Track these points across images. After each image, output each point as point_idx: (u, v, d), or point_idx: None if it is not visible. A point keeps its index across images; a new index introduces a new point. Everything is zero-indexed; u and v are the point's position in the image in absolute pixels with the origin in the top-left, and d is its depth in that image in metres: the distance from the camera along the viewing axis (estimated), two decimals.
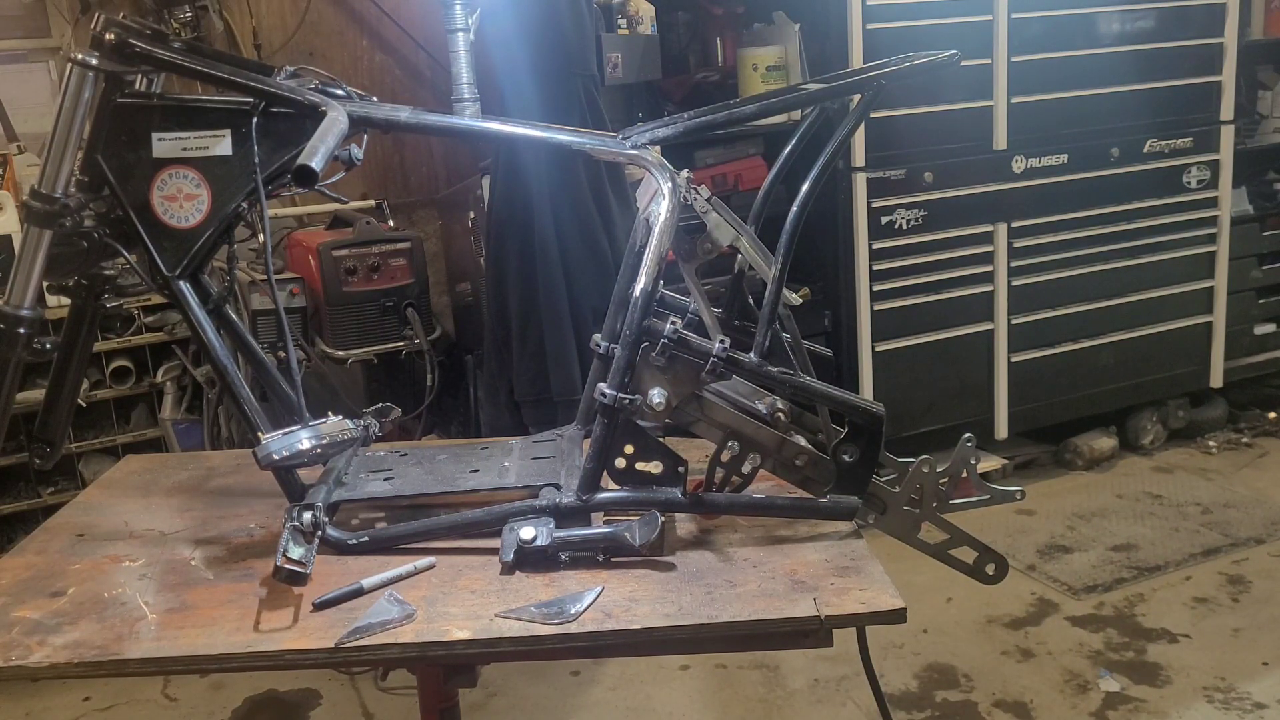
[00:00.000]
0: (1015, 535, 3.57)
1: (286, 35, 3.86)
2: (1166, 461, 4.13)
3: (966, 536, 1.61)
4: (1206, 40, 3.86)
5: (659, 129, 1.63)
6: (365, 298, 3.29)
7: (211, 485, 1.92)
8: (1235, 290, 4.13)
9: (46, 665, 1.34)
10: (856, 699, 2.73)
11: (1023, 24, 3.56)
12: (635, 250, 1.70)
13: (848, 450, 1.55)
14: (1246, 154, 4.15)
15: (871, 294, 3.58)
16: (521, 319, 3.04)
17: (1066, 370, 3.92)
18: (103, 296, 1.68)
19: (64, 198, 1.53)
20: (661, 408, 1.52)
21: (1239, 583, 3.21)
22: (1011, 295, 3.77)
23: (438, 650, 1.36)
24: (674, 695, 2.81)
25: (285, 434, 1.49)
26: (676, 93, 3.78)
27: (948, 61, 1.56)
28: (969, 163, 3.64)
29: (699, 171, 3.54)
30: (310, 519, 1.49)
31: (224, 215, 1.58)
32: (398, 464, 1.77)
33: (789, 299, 1.67)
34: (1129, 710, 2.65)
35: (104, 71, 1.53)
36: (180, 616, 1.43)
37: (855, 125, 1.57)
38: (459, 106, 3.21)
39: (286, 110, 1.55)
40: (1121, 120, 3.81)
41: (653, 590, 1.44)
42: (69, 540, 1.69)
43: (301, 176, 1.37)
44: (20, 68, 3.64)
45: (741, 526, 1.63)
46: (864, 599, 1.40)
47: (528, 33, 2.93)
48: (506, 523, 1.54)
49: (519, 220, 3.01)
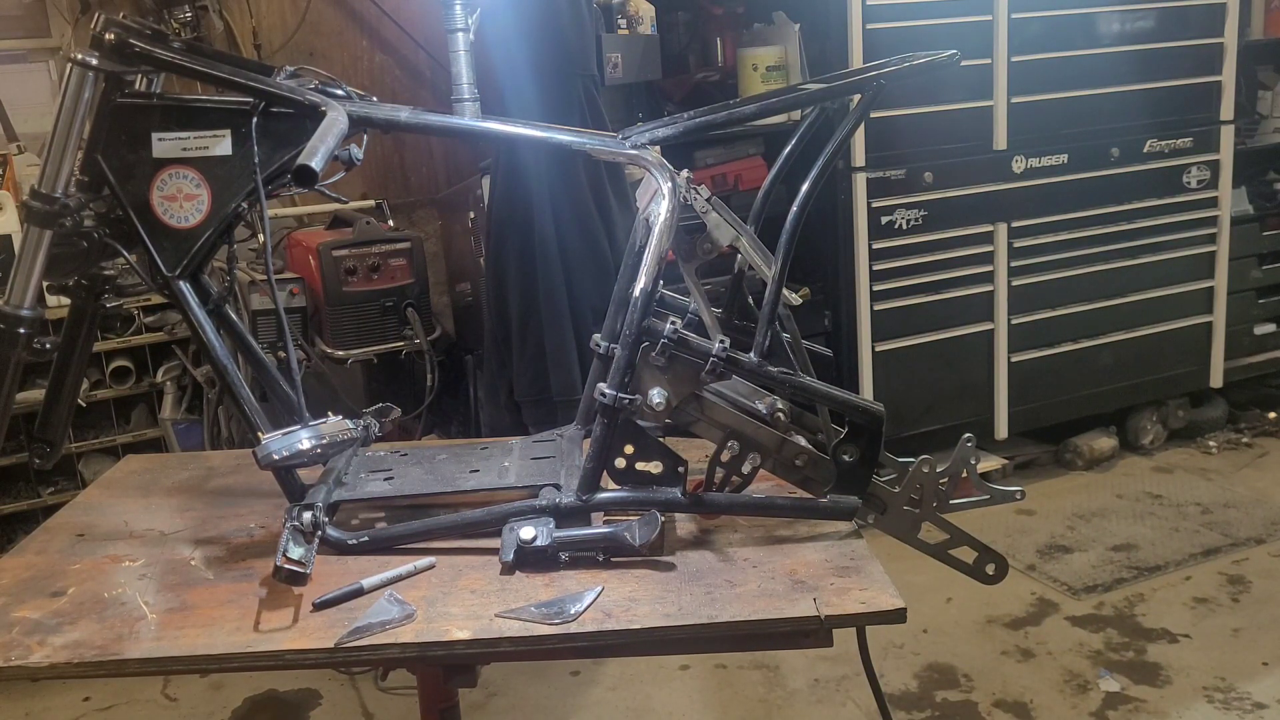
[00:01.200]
0: (1015, 535, 3.57)
1: (286, 35, 3.86)
2: (1166, 461, 4.12)
3: (966, 536, 1.61)
4: (1206, 40, 3.86)
5: (659, 129, 1.63)
6: (365, 298, 3.29)
7: (211, 485, 1.92)
8: (1235, 290, 4.13)
9: (46, 665, 1.34)
10: (856, 699, 2.73)
11: (1023, 24, 3.56)
12: (635, 250, 1.70)
13: (848, 450, 1.55)
14: (1246, 154, 4.15)
15: (871, 294, 3.58)
16: (521, 319, 3.04)
17: (1066, 370, 3.91)
18: (103, 296, 1.68)
19: (64, 198, 1.53)
20: (661, 408, 1.52)
21: (1239, 583, 3.21)
22: (1011, 295, 3.76)
23: (438, 650, 1.36)
24: (674, 695, 2.81)
25: (285, 434, 1.49)
26: (676, 93, 3.78)
27: (948, 61, 1.57)
28: (969, 163, 3.64)
29: (699, 171, 3.54)
30: (310, 519, 1.49)
31: (224, 215, 1.58)
32: (398, 464, 1.77)
33: (789, 299, 1.67)
34: (1129, 710, 2.65)
35: (104, 71, 1.53)
36: (180, 616, 1.43)
37: (855, 125, 1.57)
38: (459, 106, 3.21)
39: (286, 110, 1.55)
40: (1121, 120, 3.81)
41: (653, 590, 1.44)
42: (69, 540, 1.69)
43: (301, 176, 1.37)
44: (20, 68, 3.64)
45: (741, 526, 1.63)
46: (864, 599, 1.40)
47: (528, 33, 2.94)
48: (506, 523, 1.54)
49: (519, 220, 3.01)
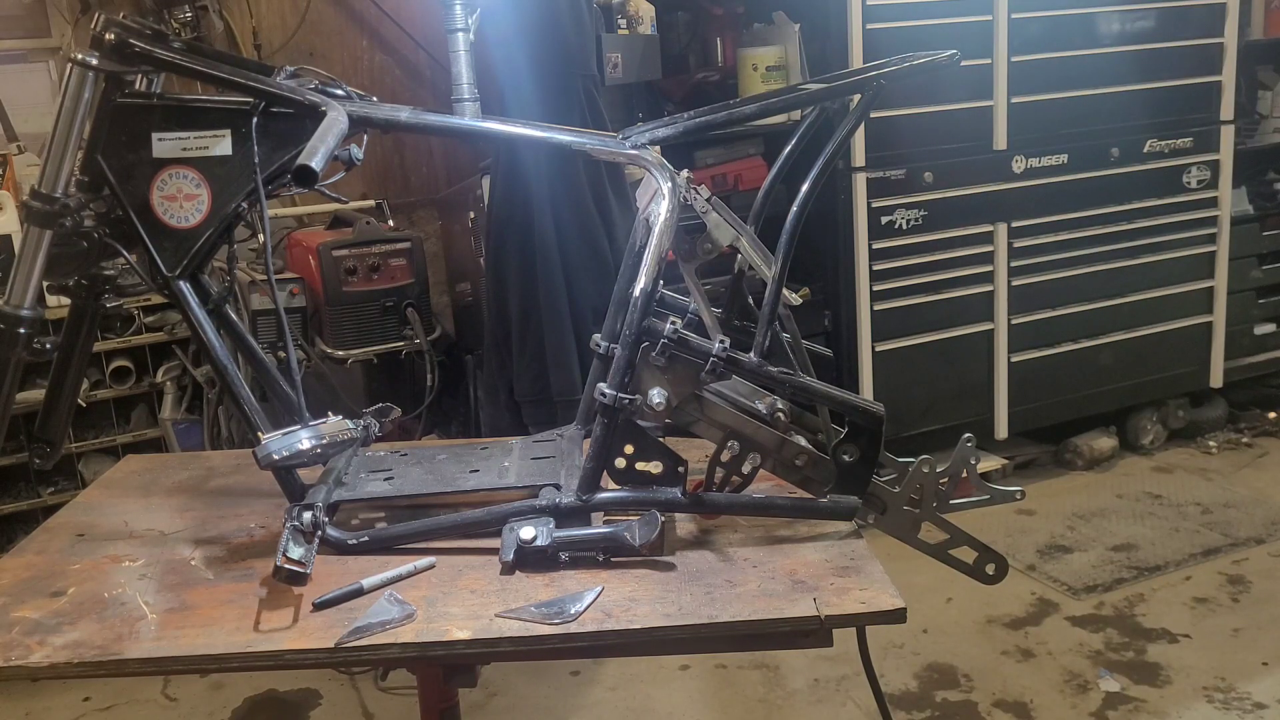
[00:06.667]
0: (1015, 535, 3.57)
1: (286, 35, 3.86)
2: (1166, 461, 4.12)
3: (966, 536, 1.61)
4: (1206, 40, 3.86)
5: (659, 129, 1.63)
6: (365, 298, 3.29)
7: (211, 485, 1.92)
8: (1235, 290, 4.13)
9: (46, 665, 1.34)
10: (856, 699, 2.73)
11: (1023, 24, 3.56)
12: (635, 250, 1.70)
13: (848, 450, 1.55)
14: (1246, 154, 4.14)
15: (871, 294, 3.58)
16: (521, 319, 3.04)
17: (1066, 370, 3.91)
18: (103, 296, 1.68)
19: (64, 198, 1.53)
20: (661, 408, 1.52)
21: (1239, 583, 3.21)
22: (1011, 295, 3.77)
23: (438, 650, 1.36)
24: (674, 695, 2.81)
25: (285, 434, 1.49)
26: (676, 93, 3.78)
27: (948, 61, 1.56)
28: (969, 163, 3.64)
29: (699, 171, 3.54)
30: (310, 519, 1.49)
31: (224, 215, 1.57)
32: (398, 464, 1.77)
33: (789, 299, 1.67)
34: (1129, 710, 2.65)
35: (104, 71, 1.53)
36: (180, 616, 1.43)
37: (855, 125, 1.57)
38: (459, 106, 3.21)
39: (286, 110, 1.55)
40: (1121, 120, 3.81)
41: (653, 590, 1.44)
42: (69, 540, 1.69)
43: (301, 176, 1.37)
44: (20, 68, 3.64)
45: (741, 526, 1.63)
46: (864, 599, 1.40)
47: (528, 33, 2.93)
48: (506, 523, 1.54)
49: (519, 220, 3.01)
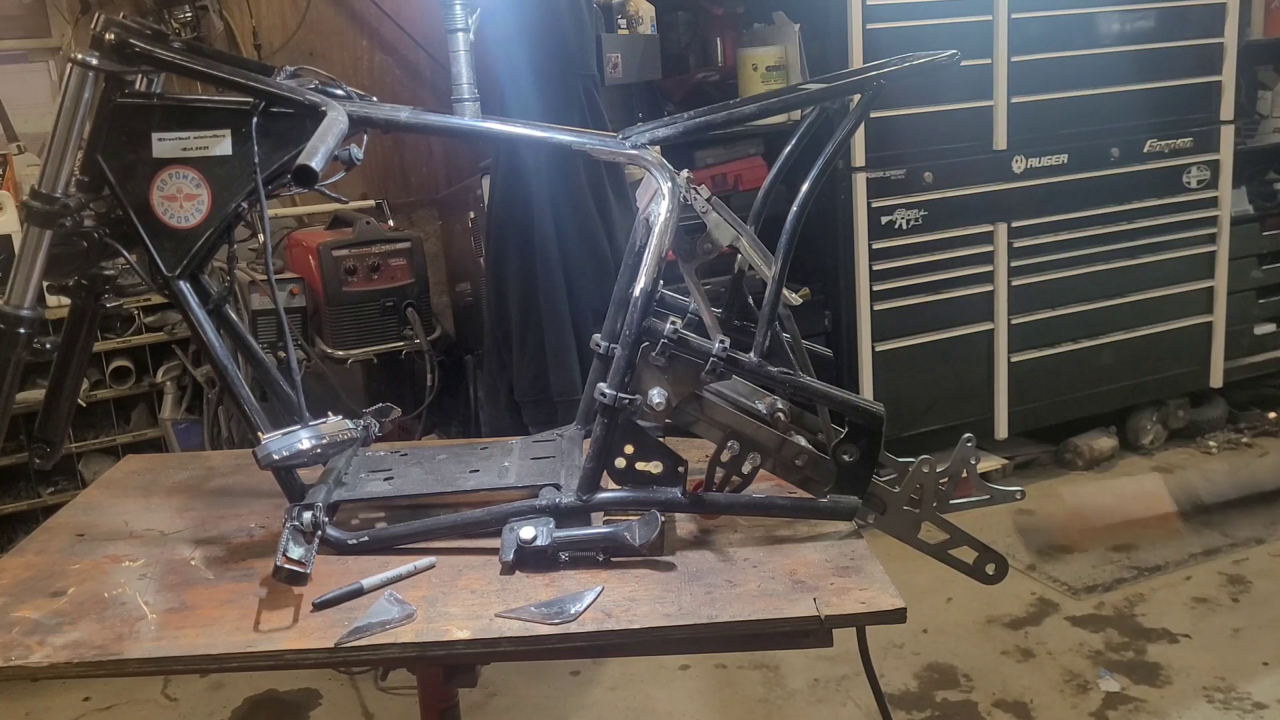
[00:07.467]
0: (1015, 535, 3.57)
1: (286, 35, 3.86)
2: (1166, 461, 4.12)
3: (966, 536, 1.61)
4: (1206, 40, 3.86)
5: (659, 129, 1.63)
6: (365, 298, 3.29)
7: (211, 485, 1.92)
8: (1235, 290, 4.13)
9: (46, 665, 1.34)
10: (856, 699, 2.73)
11: (1023, 24, 3.56)
12: (635, 250, 1.70)
13: (848, 450, 1.55)
14: (1246, 154, 4.14)
15: (871, 294, 3.58)
16: (521, 319, 3.04)
17: (1066, 370, 3.91)
18: (103, 296, 1.68)
19: (64, 198, 1.53)
20: (661, 408, 1.52)
21: (1239, 583, 3.21)
22: (1011, 295, 3.76)
23: (438, 650, 1.36)
24: (674, 695, 2.81)
25: (285, 434, 1.49)
26: (676, 93, 3.78)
27: (948, 61, 1.56)
28: (969, 163, 3.64)
29: (699, 171, 3.54)
30: (310, 519, 1.49)
31: (224, 215, 1.57)
32: (398, 464, 1.77)
33: (789, 299, 1.67)
34: (1129, 710, 2.65)
35: (104, 71, 1.53)
36: (180, 616, 1.43)
37: (855, 125, 1.57)
38: (459, 106, 3.21)
39: (286, 110, 1.55)
40: (1121, 120, 3.81)
41: (653, 590, 1.44)
42: (69, 540, 1.69)
43: (301, 176, 1.37)
44: (20, 68, 3.64)
45: (741, 526, 1.63)
46: (864, 599, 1.40)
47: (528, 33, 2.93)
48: (506, 523, 1.54)
49: (519, 220, 3.01)
